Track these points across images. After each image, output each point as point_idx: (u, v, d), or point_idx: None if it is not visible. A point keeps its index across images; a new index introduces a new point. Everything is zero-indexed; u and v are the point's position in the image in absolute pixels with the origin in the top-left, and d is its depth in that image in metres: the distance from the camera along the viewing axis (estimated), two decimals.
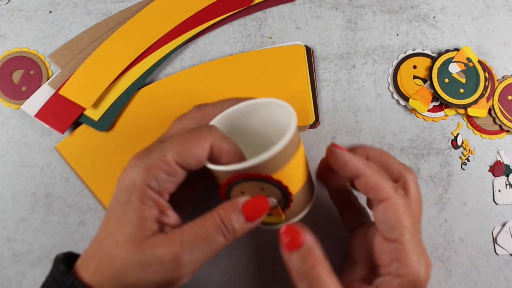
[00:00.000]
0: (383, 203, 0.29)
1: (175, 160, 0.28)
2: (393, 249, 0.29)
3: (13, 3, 0.43)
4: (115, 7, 0.43)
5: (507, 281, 0.40)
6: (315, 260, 0.28)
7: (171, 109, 0.40)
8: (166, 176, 0.28)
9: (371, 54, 0.43)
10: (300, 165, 0.29)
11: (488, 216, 0.41)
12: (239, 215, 0.28)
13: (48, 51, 0.42)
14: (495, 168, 0.41)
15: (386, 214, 0.29)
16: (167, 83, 0.41)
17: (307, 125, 0.40)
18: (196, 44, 0.43)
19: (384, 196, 0.29)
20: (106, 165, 0.39)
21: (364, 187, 0.30)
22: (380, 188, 0.29)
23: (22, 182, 0.40)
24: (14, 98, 0.41)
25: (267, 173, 0.27)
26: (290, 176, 0.28)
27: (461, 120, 0.42)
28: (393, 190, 0.29)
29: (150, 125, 0.40)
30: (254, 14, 0.43)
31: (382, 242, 0.30)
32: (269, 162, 0.26)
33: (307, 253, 0.29)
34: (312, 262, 0.28)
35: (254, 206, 0.28)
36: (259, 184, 0.28)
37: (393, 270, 0.29)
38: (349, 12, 0.43)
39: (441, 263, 0.40)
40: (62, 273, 0.28)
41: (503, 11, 0.44)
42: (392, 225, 0.29)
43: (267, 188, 0.28)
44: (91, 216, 0.40)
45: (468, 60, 0.42)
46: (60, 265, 0.29)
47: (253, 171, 0.27)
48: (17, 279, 0.39)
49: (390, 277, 0.29)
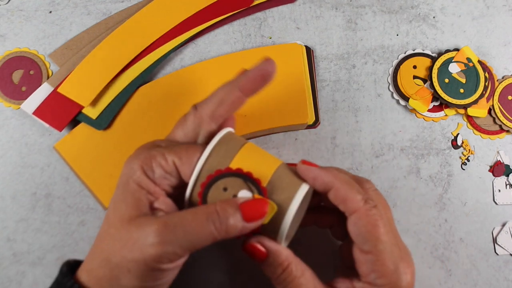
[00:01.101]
0: (354, 215, 0.29)
1: (174, 161, 0.28)
2: (369, 260, 0.29)
3: (13, 3, 0.43)
4: (115, 7, 0.43)
5: (507, 281, 0.40)
6: (283, 264, 0.29)
7: (170, 107, 0.40)
8: (162, 172, 0.28)
9: (371, 54, 0.43)
10: (254, 154, 0.30)
11: (488, 216, 0.41)
12: (236, 210, 0.27)
13: (48, 51, 0.42)
14: (495, 168, 0.41)
15: (357, 226, 0.29)
16: (166, 82, 0.41)
17: (304, 123, 0.40)
18: (196, 44, 0.43)
19: (354, 208, 0.29)
20: (104, 164, 0.39)
21: (334, 200, 0.30)
22: (349, 201, 0.29)
23: (22, 182, 0.40)
24: (14, 98, 0.41)
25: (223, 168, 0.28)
26: (248, 166, 0.29)
27: (461, 120, 0.42)
28: (363, 201, 0.29)
29: (149, 123, 0.40)
30: (254, 14, 0.43)
31: (359, 254, 0.30)
32: (212, 159, 0.29)
33: (273, 261, 0.29)
34: (281, 268, 0.29)
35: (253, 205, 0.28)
36: (222, 182, 0.28)
37: (371, 280, 0.29)
38: (349, 12, 0.43)
39: (441, 263, 0.40)
40: (63, 275, 0.28)
41: (503, 11, 0.44)
42: (364, 237, 0.29)
43: (230, 184, 0.28)
44: (91, 216, 0.40)
45: (468, 60, 0.42)
46: (64, 267, 0.29)
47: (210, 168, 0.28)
48: (17, 279, 0.39)
49: (369, 286, 0.29)
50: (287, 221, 0.28)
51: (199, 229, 0.26)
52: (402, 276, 0.29)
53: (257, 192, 0.28)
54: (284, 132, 0.42)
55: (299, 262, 0.30)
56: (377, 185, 0.41)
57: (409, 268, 0.30)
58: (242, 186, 0.28)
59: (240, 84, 0.31)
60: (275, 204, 0.28)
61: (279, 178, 0.29)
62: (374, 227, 0.28)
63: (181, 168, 0.29)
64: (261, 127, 0.40)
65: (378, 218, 0.29)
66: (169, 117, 0.40)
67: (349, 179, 0.30)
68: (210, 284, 0.39)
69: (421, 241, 0.40)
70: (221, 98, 0.31)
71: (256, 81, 0.31)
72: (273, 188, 0.29)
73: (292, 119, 0.40)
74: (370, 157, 0.41)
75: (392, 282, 0.28)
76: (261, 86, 0.31)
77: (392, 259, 0.29)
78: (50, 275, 0.39)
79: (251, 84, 0.31)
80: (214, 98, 0.31)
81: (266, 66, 0.31)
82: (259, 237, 0.29)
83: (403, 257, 0.30)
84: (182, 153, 0.29)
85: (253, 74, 0.31)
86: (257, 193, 0.28)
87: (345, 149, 0.41)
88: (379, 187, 0.41)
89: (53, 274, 0.39)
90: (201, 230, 0.26)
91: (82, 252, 0.39)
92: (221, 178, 0.28)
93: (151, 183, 0.28)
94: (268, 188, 0.29)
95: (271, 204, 0.28)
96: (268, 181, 0.29)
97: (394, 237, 0.30)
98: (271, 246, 0.29)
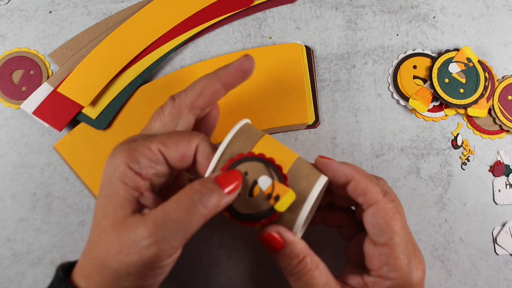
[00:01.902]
0: (372, 207, 0.29)
1: (159, 148, 0.28)
2: (382, 253, 0.29)
3: (13, 3, 0.43)
4: (115, 7, 0.43)
5: (507, 281, 0.40)
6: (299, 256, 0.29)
7: None
8: (147, 161, 0.28)
9: (371, 54, 0.43)
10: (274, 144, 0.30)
11: (488, 216, 0.41)
12: (215, 185, 0.27)
13: (48, 51, 0.42)
14: (495, 168, 0.41)
15: (375, 218, 0.29)
16: (165, 82, 0.41)
17: (304, 123, 0.40)
18: (196, 44, 0.43)
19: (373, 200, 0.29)
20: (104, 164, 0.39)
21: (353, 192, 0.30)
22: (369, 192, 0.29)
23: (22, 182, 0.40)
24: (14, 98, 0.41)
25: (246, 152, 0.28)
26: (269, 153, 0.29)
27: (461, 120, 0.42)
28: (382, 194, 0.29)
29: None
30: (254, 14, 0.43)
31: (372, 247, 0.30)
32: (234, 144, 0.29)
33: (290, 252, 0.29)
34: (297, 260, 0.29)
35: (226, 175, 0.28)
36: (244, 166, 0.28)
37: (383, 274, 0.29)
38: (349, 12, 0.43)
39: (441, 263, 0.40)
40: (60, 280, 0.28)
41: (503, 11, 0.44)
42: (381, 228, 0.29)
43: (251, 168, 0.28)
44: (91, 216, 0.40)
45: (468, 60, 0.42)
46: (60, 271, 0.29)
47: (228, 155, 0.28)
48: (17, 279, 0.39)
49: (380, 279, 0.29)
50: (305, 210, 0.28)
51: (188, 214, 0.26)
52: (413, 271, 0.29)
53: (278, 178, 0.28)
54: (284, 132, 0.42)
55: (313, 254, 0.30)
56: None
57: (421, 264, 0.30)
58: (263, 171, 0.28)
59: (220, 76, 0.31)
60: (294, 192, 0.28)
61: (299, 168, 0.29)
62: (392, 219, 0.29)
63: (168, 153, 0.28)
64: (261, 127, 0.40)
65: (396, 212, 0.29)
66: None
67: (367, 172, 0.31)
68: (210, 284, 0.39)
69: (421, 241, 0.40)
70: (200, 89, 0.31)
71: (237, 75, 0.31)
72: (293, 177, 0.29)
73: (292, 119, 0.40)
74: (370, 157, 0.41)
75: (403, 276, 0.29)
76: (240, 81, 0.32)
77: (406, 253, 0.29)
78: (50, 275, 0.39)
79: (232, 78, 0.31)
80: (193, 89, 0.31)
81: (245, 61, 0.32)
82: (277, 226, 0.29)
83: (416, 253, 0.30)
84: (165, 140, 0.28)
85: (234, 68, 0.31)
86: (277, 180, 0.28)
87: (345, 149, 0.41)
88: None
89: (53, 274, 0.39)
90: (191, 215, 0.26)
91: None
92: (242, 162, 0.28)
93: (135, 176, 0.28)
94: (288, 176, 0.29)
95: (290, 192, 0.28)
96: (288, 169, 0.29)
97: (408, 234, 0.30)
98: (288, 237, 0.29)
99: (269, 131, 0.41)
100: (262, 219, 0.28)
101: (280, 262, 0.30)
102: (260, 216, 0.28)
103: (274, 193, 0.28)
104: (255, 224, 0.29)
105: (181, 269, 0.29)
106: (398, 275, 0.29)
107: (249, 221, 0.29)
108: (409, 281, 0.29)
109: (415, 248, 0.30)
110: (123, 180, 0.27)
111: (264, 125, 0.40)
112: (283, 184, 0.28)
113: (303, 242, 0.30)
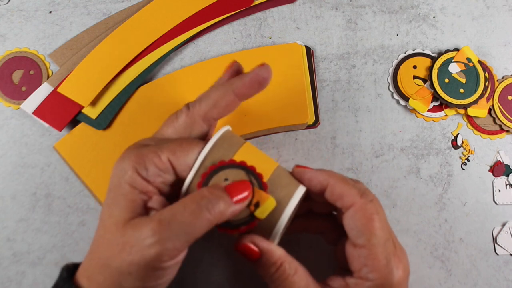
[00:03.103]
0: (350, 209, 0.29)
1: (168, 157, 0.28)
2: (361, 255, 0.29)
3: (13, 3, 0.43)
4: (115, 7, 0.43)
5: (507, 281, 0.40)
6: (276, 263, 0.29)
7: (169, 107, 0.40)
8: (156, 170, 0.28)
9: (371, 54, 0.43)
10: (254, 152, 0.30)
11: (488, 216, 0.41)
12: (223, 192, 0.27)
13: (48, 51, 0.42)
14: (495, 168, 0.41)
15: (353, 220, 0.29)
16: (165, 82, 0.41)
17: (304, 123, 0.40)
18: (196, 44, 0.43)
19: (350, 202, 0.29)
20: (104, 164, 0.39)
21: (331, 197, 0.30)
22: (345, 195, 0.29)
23: (22, 182, 0.40)
24: (14, 98, 0.41)
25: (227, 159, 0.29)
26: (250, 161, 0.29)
27: (461, 120, 0.42)
28: (359, 196, 0.29)
29: (149, 123, 0.40)
30: (254, 14, 0.43)
31: (352, 249, 0.30)
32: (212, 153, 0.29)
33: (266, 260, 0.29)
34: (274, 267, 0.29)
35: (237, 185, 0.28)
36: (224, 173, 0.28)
37: (363, 275, 0.29)
38: (349, 12, 0.43)
39: (441, 263, 0.40)
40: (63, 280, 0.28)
41: (503, 11, 0.44)
42: (359, 230, 0.29)
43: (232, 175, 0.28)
44: (91, 216, 0.40)
45: (468, 60, 0.42)
46: (64, 272, 0.29)
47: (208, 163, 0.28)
48: (17, 279, 0.39)
49: (361, 280, 0.29)
50: (284, 218, 0.29)
51: (193, 218, 0.26)
52: (393, 271, 0.29)
53: (258, 186, 0.28)
54: (284, 132, 0.42)
55: (292, 260, 0.30)
56: (377, 185, 0.41)
57: (401, 264, 0.30)
58: (244, 178, 0.28)
59: (235, 87, 0.31)
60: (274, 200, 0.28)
61: (278, 177, 0.29)
62: (370, 221, 0.29)
63: (176, 163, 0.28)
64: (261, 127, 0.40)
65: (374, 213, 0.29)
66: None
67: (343, 176, 0.31)
68: (210, 284, 0.39)
69: (421, 241, 0.40)
70: (215, 101, 0.31)
71: (252, 86, 0.31)
72: (272, 185, 0.29)
73: (292, 119, 0.40)
74: (370, 157, 0.41)
75: (383, 276, 0.29)
76: (256, 92, 0.31)
77: (385, 253, 0.29)
78: (50, 275, 0.39)
79: (247, 89, 0.31)
80: (208, 100, 0.31)
81: (262, 72, 0.31)
82: (252, 236, 0.29)
83: (396, 252, 0.30)
84: (176, 148, 0.28)
85: (249, 79, 0.31)
86: (257, 187, 0.28)
87: (345, 149, 0.41)
88: (379, 187, 0.41)
89: (53, 274, 0.39)
90: (196, 219, 0.26)
91: (82, 252, 0.39)
92: (223, 169, 0.29)
93: (144, 182, 0.28)
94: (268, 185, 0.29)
95: (270, 199, 0.28)
96: (268, 178, 0.29)
97: (389, 233, 0.30)
98: (264, 246, 0.29)
99: (269, 131, 0.41)
100: (241, 226, 0.29)
101: (259, 271, 0.30)
102: (239, 223, 0.29)
103: (254, 199, 0.28)
104: (233, 231, 0.29)
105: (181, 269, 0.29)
106: (377, 275, 0.29)
107: (228, 228, 0.29)
108: (389, 281, 0.29)
109: (396, 247, 0.30)
110: (132, 184, 0.28)
111: (264, 125, 0.40)
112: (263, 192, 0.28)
113: (280, 249, 0.30)
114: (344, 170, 0.41)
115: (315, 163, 0.41)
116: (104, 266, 0.27)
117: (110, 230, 0.27)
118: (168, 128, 0.31)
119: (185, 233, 0.26)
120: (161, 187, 0.29)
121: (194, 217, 0.26)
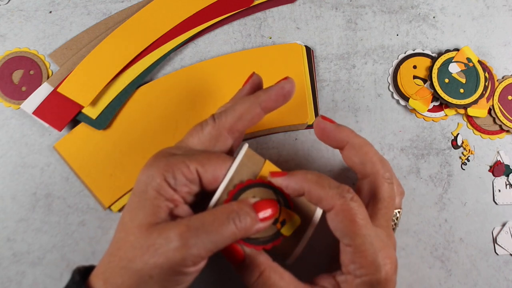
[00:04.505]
0: (331, 212, 0.29)
1: (197, 169, 0.29)
2: (349, 252, 0.29)
3: (13, 3, 0.43)
4: (115, 7, 0.43)
5: (507, 281, 0.40)
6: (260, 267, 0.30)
7: (169, 107, 0.40)
8: (184, 179, 0.28)
9: (371, 54, 0.43)
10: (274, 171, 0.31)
11: (488, 216, 0.41)
12: (251, 209, 0.28)
13: (48, 51, 0.42)
14: (495, 168, 0.41)
15: (335, 222, 0.29)
16: (165, 82, 0.41)
17: (304, 123, 0.40)
18: (196, 44, 0.43)
19: (330, 205, 0.29)
20: (104, 164, 0.39)
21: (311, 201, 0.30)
22: (323, 199, 0.29)
23: (22, 182, 0.40)
24: (14, 98, 0.41)
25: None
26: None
27: (461, 120, 0.42)
28: (337, 196, 0.28)
29: (149, 123, 0.40)
30: (254, 14, 0.43)
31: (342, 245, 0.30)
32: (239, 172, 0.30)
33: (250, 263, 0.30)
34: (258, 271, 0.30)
35: (264, 204, 0.29)
36: (252, 192, 0.30)
37: (351, 271, 0.29)
38: (349, 12, 0.43)
39: (441, 263, 0.40)
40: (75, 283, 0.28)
41: (503, 11, 0.44)
42: (342, 231, 0.29)
43: (260, 194, 0.30)
44: (91, 216, 0.40)
45: (468, 60, 0.42)
46: (76, 275, 0.29)
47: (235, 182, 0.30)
48: (17, 279, 0.39)
49: (350, 276, 0.29)
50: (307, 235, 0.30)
51: (220, 229, 0.27)
52: (381, 267, 0.29)
53: (284, 205, 0.30)
54: (284, 132, 0.42)
55: (277, 266, 0.30)
56: None
57: (389, 259, 0.29)
58: (272, 197, 0.30)
59: (261, 101, 0.31)
60: (299, 218, 0.30)
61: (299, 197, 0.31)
62: (351, 222, 0.28)
63: (204, 175, 0.29)
64: (261, 127, 0.40)
65: (356, 213, 0.28)
66: (169, 117, 0.40)
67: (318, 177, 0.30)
68: (210, 284, 0.39)
69: (421, 241, 0.40)
70: (241, 113, 0.31)
71: (278, 100, 0.32)
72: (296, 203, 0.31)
73: (292, 119, 0.40)
74: None
75: (370, 272, 0.28)
76: (281, 105, 0.32)
77: (372, 250, 0.28)
78: (50, 275, 0.39)
79: (273, 102, 0.32)
80: (234, 113, 0.31)
81: (287, 85, 0.32)
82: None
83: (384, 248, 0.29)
84: (204, 161, 0.29)
85: (275, 92, 0.32)
86: (284, 206, 0.30)
87: None
88: None
89: (53, 274, 0.39)
90: (223, 230, 0.27)
91: (82, 252, 0.39)
92: (251, 187, 0.30)
93: (170, 190, 0.28)
94: (293, 203, 0.30)
95: (296, 218, 0.30)
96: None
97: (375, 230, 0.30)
98: (247, 249, 0.30)
99: (269, 131, 0.41)
100: (268, 243, 0.30)
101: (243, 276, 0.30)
102: (267, 240, 0.30)
103: (281, 218, 0.30)
104: (260, 247, 0.30)
105: None
106: (364, 272, 0.28)
107: (255, 245, 0.30)
108: (377, 277, 0.28)
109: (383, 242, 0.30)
110: (159, 191, 0.28)
111: (264, 125, 0.40)
112: (289, 210, 0.30)
113: (264, 254, 0.30)
114: (344, 170, 0.41)
115: (315, 163, 0.41)
116: (124, 269, 0.27)
117: (132, 232, 0.27)
118: (194, 139, 0.31)
119: (211, 242, 0.27)
120: (185, 197, 0.29)
121: (221, 228, 0.27)
